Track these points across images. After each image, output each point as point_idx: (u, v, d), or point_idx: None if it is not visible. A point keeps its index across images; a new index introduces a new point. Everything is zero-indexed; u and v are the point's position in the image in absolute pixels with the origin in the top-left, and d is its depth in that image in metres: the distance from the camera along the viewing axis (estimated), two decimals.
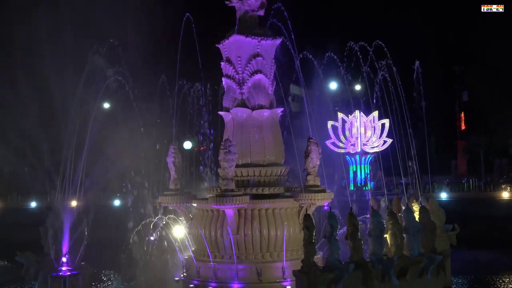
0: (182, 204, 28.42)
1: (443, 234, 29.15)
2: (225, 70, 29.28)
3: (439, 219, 29.18)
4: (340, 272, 21.59)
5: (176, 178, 28.77)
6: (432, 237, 25.35)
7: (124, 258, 31.38)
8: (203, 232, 26.95)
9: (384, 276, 22.76)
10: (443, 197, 58.13)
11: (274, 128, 28.88)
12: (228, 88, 29.15)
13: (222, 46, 29.21)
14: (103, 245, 34.98)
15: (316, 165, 26.87)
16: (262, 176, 28.00)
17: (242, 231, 26.32)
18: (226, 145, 25.66)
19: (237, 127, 28.55)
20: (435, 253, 24.76)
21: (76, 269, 28.08)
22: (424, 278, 24.16)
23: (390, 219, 24.35)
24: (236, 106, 28.61)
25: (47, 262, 28.28)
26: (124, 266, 31.33)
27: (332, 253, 22.02)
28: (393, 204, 30.55)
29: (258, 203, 26.50)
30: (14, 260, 30.71)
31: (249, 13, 29.06)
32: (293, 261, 25.88)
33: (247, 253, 26.49)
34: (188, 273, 27.70)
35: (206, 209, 27.47)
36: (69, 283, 27.13)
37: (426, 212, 25.88)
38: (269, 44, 28.83)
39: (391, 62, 34.42)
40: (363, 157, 56.81)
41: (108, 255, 35.29)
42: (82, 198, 29.85)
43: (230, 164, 25.62)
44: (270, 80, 29.07)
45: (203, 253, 27.23)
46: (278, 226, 26.58)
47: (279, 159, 28.79)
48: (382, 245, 23.45)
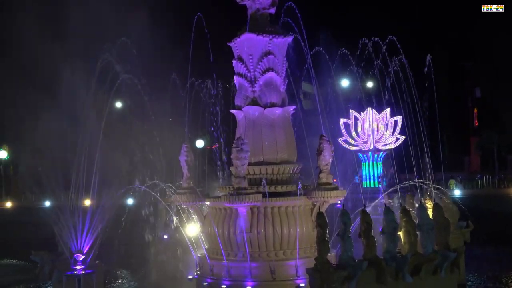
0: (195, 203, 28.45)
1: (457, 231, 29.01)
2: (237, 69, 29.30)
3: (453, 216, 29.05)
4: (353, 269, 21.54)
5: (188, 176, 28.82)
6: (446, 234, 25.20)
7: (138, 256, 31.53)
8: (216, 230, 27.00)
9: (397, 274, 22.67)
10: (457, 194, 57.80)
11: (286, 126, 28.86)
12: (240, 86, 29.17)
13: (234, 44, 29.23)
14: (117, 244, 35.14)
15: (328, 163, 26.84)
16: (275, 174, 28.02)
17: (255, 229, 26.36)
18: (239, 143, 25.70)
19: (249, 125, 28.57)
20: (449, 250, 24.64)
21: (90, 267, 28.22)
22: (438, 275, 24.04)
23: (403, 216, 24.24)
24: (248, 104, 28.63)
25: (62, 261, 28.46)
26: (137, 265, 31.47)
27: (346, 251, 21.96)
28: (406, 201, 30.44)
29: (271, 201, 26.52)
30: (29, 259, 30.96)
31: (260, 11, 29.06)
32: (306, 259, 25.89)
33: (260, 251, 26.53)
34: (202, 271, 27.76)
35: (219, 207, 27.51)
36: (84, 281, 27.27)
37: (440, 209, 25.73)
38: (281, 42, 28.81)
39: (403, 58, 34.25)
40: (375, 154, 56.57)
41: (122, 253, 35.47)
42: (96, 197, 29.96)
43: (243, 162, 25.66)
44: (282, 78, 29.05)
45: (217, 251, 27.29)
46: (291, 224, 26.59)
47: (292, 157, 28.78)
48: (395, 243, 23.36)
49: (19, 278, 38.53)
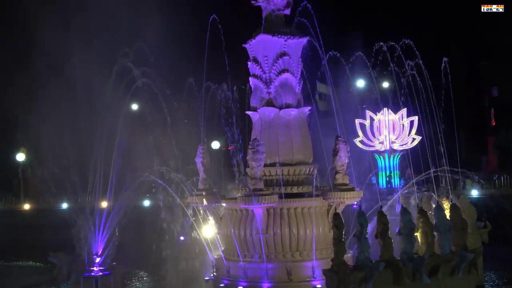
0: (211, 204, 28.54)
1: (475, 232, 28.80)
2: (252, 70, 29.34)
3: (470, 216, 28.83)
4: (370, 270, 21.47)
5: (205, 178, 28.92)
6: (463, 235, 25.04)
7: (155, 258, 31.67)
8: (233, 232, 27.05)
9: (415, 275, 22.57)
10: (474, 194, 57.36)
11: (302, 127, 28.85)
12: (255, 88, 29.21)
13: (249, 46, 29.28)
14: (134, 245, 35.29)
15: (344, 164, 26.80)
16: (291, 175, 28.01)
17: (271, 230, 26.38)
18: (254, 145, 25.74)
19: (264, 126, 28.59)
20: (467, 251, 24.48)
21: (108, 269, 28.41)
22: (455, 276, 23.89)
23: (421, 217, 24.11)
24: (263, 106, 28.65)
25: (80, 263, 28.66)
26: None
27: (362, 252, 21.89)
28: (423, 202, 30.28)
29: (287, 202, 26.53)
30: (47, 261, 31.20)
31: (275, 12, 29.07)
32: (322, 260, 25.85)
33: (276, 252, 26.54)
34: (218, 272, 27.83)
35: (235, 209, 27.57)
36: (101, 283, 27.46)
37: (457, 210, 25.56)
38: (296, 43, 28.80)
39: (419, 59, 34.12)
40: (392, 155, 56.41)
41: (139, 255, 35.62)
42: (113, 199, 30.15)
43: (258, 164, 25.69)
44: (297, 79, 29.04)
45: (233, 252, 27.34)
46: (307, 225, 26.58)
47: (307, 158, 28.76)
48: (412, 244, 23.25)
49: (37, 280, 38.85)
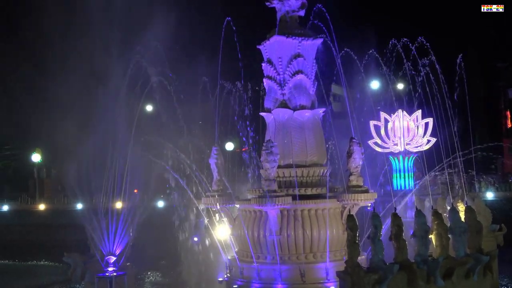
0: (225, 205, 28.56)
1: (490, 235, 28.60)
2: (266, 71, 29.33)
3: (486, 219, 28.64)
4: (384, 273, 21.38)
5: (218, 179, 28.92)
6: (478, 237, 24.87)
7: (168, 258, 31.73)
8: (246, 233, 27.06)
9: (429, 277, 22.44)
10: (489, 197, 56.96)
11: (316, 129, 28.78)
12: (269, 89, 29.19)
13: (263, 47, 29.27)
14: (148, 246, 35.44)
15: (358, 165, 26.72)
16: (304, 177, 27.95)
17: (285, 231, 26.34)
18: (268, 146, 25.73)
19: (278, 128, 28.56)
20: (482, 254, 24.30)
21: (122, 269, 28.52)
22: (470, 279, 23.73)
23: (435, 219, 23.99)
24: (277, 107, 28.62)
25: (94, 263, 28.81)
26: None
27: (376, 254, 21.81)
28: (438, 204, 30.11)
29: (300, 203, 26.48)
30: (61, 261, 31.39)
31: (289, 13, 29.03)
32: (336, 262, 25.78)
33: (290, 254, 26.50)
34: (232, 273, 27.82)
35: (249, 210, 27.56)
36: (115, 283, 27.58)
37: (472, 212, 25.40)
38: (310, 44, 28.73)
39: (434, 59, 33.92)
40: (406, 156, 56.07)
41: (153, 255, 35.74)
42: (127, 200, 30.26)
43: (272, 165, 25.67)
44: (311, 81, 28.99)
45: (247, 253, 27.33)
46: (321, 227, 26.51)
47: (321, 160, 28.69)
48: (427, 246, 23.12)
49: (52, 280, 39.14)
